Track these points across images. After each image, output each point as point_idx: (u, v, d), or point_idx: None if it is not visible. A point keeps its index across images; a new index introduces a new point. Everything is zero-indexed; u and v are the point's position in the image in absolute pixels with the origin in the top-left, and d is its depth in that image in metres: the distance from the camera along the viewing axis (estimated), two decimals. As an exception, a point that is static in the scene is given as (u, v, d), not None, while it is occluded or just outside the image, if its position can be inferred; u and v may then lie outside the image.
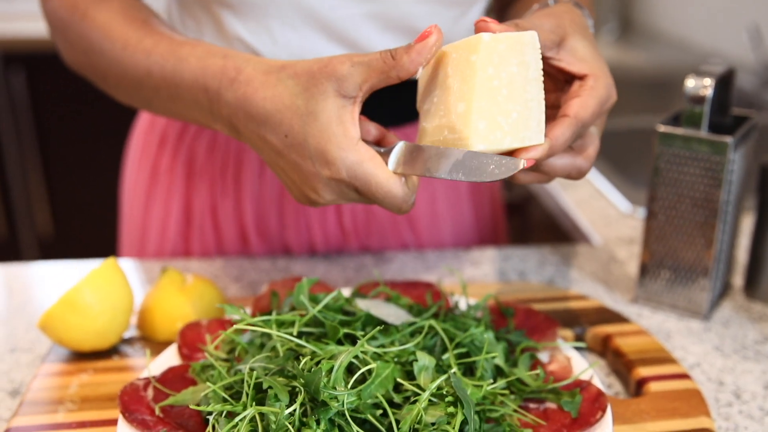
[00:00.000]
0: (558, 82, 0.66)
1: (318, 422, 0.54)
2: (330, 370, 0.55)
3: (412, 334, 0.65)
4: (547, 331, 0.72)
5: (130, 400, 0.62)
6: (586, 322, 0.80)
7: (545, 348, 0.71)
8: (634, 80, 2.10)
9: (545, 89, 0.61)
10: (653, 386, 0.69)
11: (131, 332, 0.79)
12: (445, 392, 0.57)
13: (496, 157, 0.57)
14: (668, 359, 0.73)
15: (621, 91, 0.69)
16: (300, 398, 0.54)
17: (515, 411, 0.61)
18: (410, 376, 0.60)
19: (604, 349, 0.78)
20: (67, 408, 0.66)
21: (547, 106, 0.61)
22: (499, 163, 0.56)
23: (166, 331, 0.75)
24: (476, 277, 0.96)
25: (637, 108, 2.03)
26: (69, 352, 0.75)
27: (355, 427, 0.54)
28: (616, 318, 0.81)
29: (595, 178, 1.35)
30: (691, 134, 0.80)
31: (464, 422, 0.55)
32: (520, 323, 0.74)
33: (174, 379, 0.65)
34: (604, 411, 0.61)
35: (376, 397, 0.56)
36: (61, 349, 0.75)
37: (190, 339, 0.70)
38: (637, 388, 0.71)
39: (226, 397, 0.58)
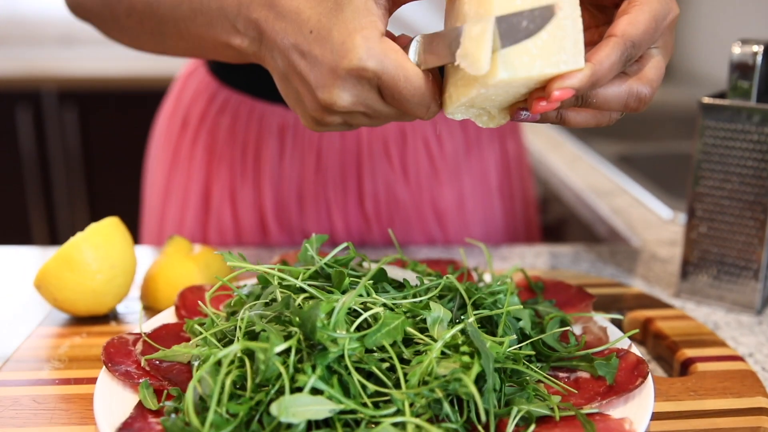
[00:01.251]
0: (606, 9, 0.59)
1: (314, 368, 0.47)
2: (330, 313, 0.49)
3: (428, 292, 0.59)
4: (580, 304, 0.65)
5: (115, 353, 0.57)
6: (624, 307, 0.73)
7: (577, 320, 0.64)
8: (676, 114, 2.04)
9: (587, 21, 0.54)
10: (701, 366, 0.61)
11: (134, 302, 0.74)
12: (460, 343, 0.50)
13: (526, 12, 0.49)
14: (717, 342, 0.66)
15: (662, 122, 0.62)
16: (294, 339, 0.48)
17: (543, 377, 0.54)
18: (423, 332, 0.54)
19: (644, 334, 0.71)
20: (53, 366, 0.61)
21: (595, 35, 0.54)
22: (531, 16, 0.48)
23: (169, 299, 0.70)
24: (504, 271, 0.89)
25: (676, 136, 1.96)
26: (66, 318, 0.70)
27: (356, 375, 0.48)
28: (657, 303, 0.73)
29: (632, 186, 1.29)
30: (740, 104, 0.74)
31: (481, 378, 0.49)
32: (550, 297, 0.67)
33: (167, 336, 0.60)
34: (644, 378, 0.53)
35: (383, 348, 0.50)
36: (59, 314, 0.71)
37: (190, 301, 0.65)
38: (682, 370, 0.63)
39: (215, 342, 0.52)
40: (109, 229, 0.68)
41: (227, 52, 0.62)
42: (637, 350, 0.58)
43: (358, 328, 0.51)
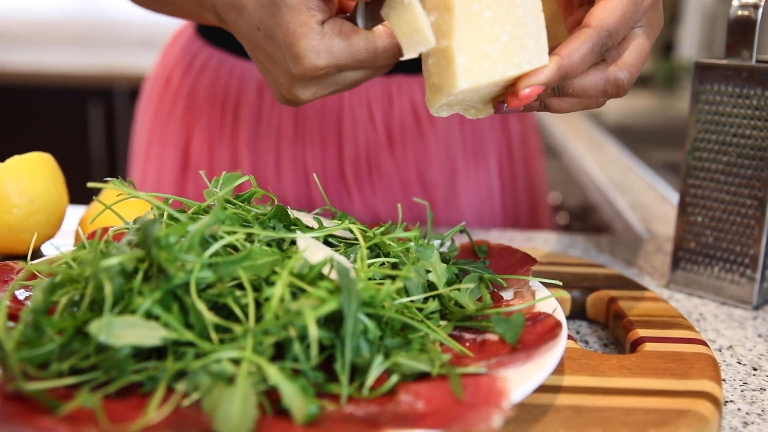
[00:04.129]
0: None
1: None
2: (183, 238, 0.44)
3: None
4: (520, 269, 0.57)
5: (-9, 277, 0.53)
6: (590, 288, 0.64)
7: (512, 285, 0.56)
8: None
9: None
10: (649, 346, 0.52)
11: (66, 247, 0.70)
12: (322, 279, 0.44)
13: None
14: (682, 325, 0.56)
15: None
16: (131, 256, 0.43)
17: (435, 333, 0.46)
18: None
19: (607, 316, 0.62)
20: (-53, 294, 0.58)
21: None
22: None
23: (95, 244, 0.66)
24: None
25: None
26: (-9, 257, 0.68)
27: (198, 303, 0.42)
28: (629, 285, 0.64)
29: (656, 180, 1.18)
30: (737, 64, 0.64)
31: (341, 318, 0.42)
32: (492, 262, 0.59)
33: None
34: (553, 339, 0.45)
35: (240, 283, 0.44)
36: (-15, 253, 0.68)
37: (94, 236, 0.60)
38: (632, 350, 0.54)
39: (71, 263, 0.48)
40: (33, 163, 0.65)
41: (207, 22, 0.64)
42: (562, 313, 0.50)
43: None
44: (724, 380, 0.53)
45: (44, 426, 0.36)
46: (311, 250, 0.46)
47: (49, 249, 0.70)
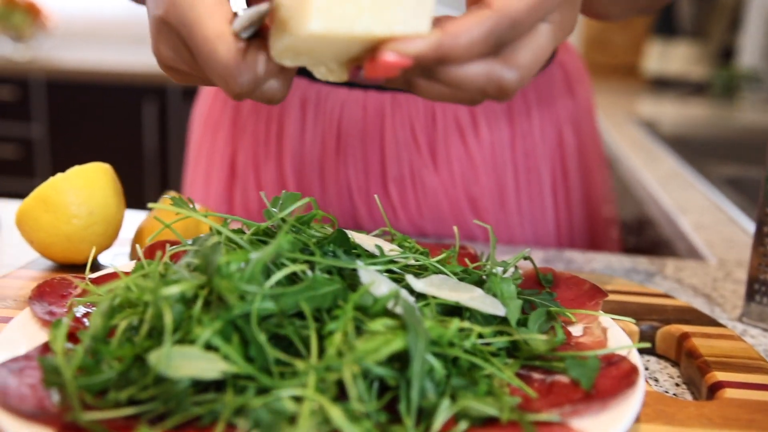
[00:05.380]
0: None
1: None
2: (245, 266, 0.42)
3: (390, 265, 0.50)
4: (589, 302, 0.54)
5: (50, 292, 0.53)
6: (659, 320, 0.61)
7: (581, 320, 0.53)
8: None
9: None
10: (730, 393, 0.49)
11: (124, 257, 0.70)
12: (388, 316, 0.42)
13: None
14: (764, 369, 0.52)
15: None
16: (193, 284, 0.41)
17: (502, 373, 0.44)
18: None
19: (678, 353, 0.58)
20: (5, 304, 0.58)
21: None
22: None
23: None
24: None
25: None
26: (50, 264, 0.68)
27: (260, 336, 0.40)
28: (703, 319, 0.61)
29: (723, 201, 1.13)
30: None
31: (405, 356, 0.40)
32: (559, 294, 0.57)
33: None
34: (629, 388, 0.42)
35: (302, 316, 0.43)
36: (45, 261, 0.68)
37: (152, 252, 0.60)
38: (709, 395, 0.51)
39: (132, 287, 0.47)
40: (93, 173, 0.65)
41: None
42: (639, 360, 0.47)
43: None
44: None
45: (102, 463, 0.35)
46: (375, 283, 0.44)
47: (106, 259, 0.70)
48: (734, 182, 1.37)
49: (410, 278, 0.47)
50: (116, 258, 0.70)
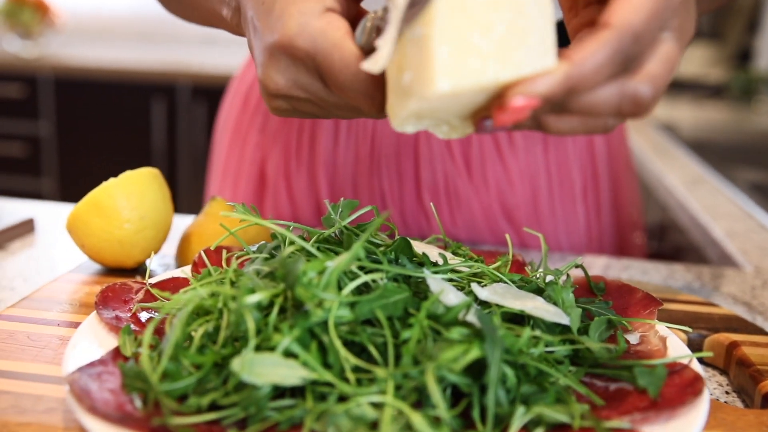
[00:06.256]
0: None
1: (293, 329, 0.41)
2: (322, 274, 0.43)
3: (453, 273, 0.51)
4: (643, 311, 0.55)
5: (113, 297, 0.54)
6: (707, 328, 0.62)
7: (637, 329, 0.54)
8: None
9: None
10: (786, 402, 0.50)
11: (169, 260, 0.71)
12: (462, 325, 0.43)
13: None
14: (816, 378, 0.53)
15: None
16: (270, 292, 0.42)
17: (570, 380, 0.45)
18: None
19: (728, 361, 0.59)
20: (62, 309, 0.59)
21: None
22: None
23: (200, 261, 0.66)
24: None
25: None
26: (99, 268, 0.68)
27: (338, 344, 0.41)
28: (750, 328, 0.61)
29: (752, 207, 1.13)
30: None
31: (485, 363, 0.40)
32: (612, 300, 0.57)
33: (173, 290, 0.56)
34: (696, 396, 0.43)
35: (377, 322, 0.43)
36: (92, 265, 0.69)
37: (209, 260, 0.60)
38: (764, 404, 0.51)
39: (203, 294, 0.47)
40: (144, 178, 0.66)
41: (222, 24, 0.58)
42: (700, 369, 0.48)
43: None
44: None
45: (195, 468, 0.35)
46: (444, 292, 0.45)
47: (154, 263, 0.70)
48: (760, 188, 1.38)
49: (475, 287, 0.48)
50: (162, 261, 0.71)
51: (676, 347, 0.50)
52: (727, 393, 0.57)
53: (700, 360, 0.62)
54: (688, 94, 2.57)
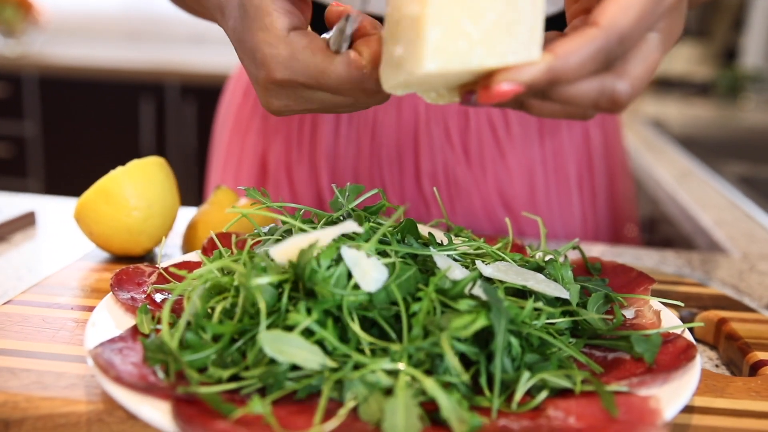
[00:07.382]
0: None
1: (309, 311, 0.43)
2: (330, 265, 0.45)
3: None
4: (638, 288, 0.57)
5: (126, 280, 0.55)
6: (697, 306, 0.64)
7: (632, 304, 0.56)
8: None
9: None
10: (773, 370, 0.52)
11: (176, 249, 0.73)
12: (469, 297, 0.45)
13: None
14: (801, 350, 0.56)
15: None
16: (281, 276, 0.44)
17: (571, 350, 0.47)
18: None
19: (717, 337, 0.62)
20: (74, 294, 0.61)
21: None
22: None
23: (206, 247, 0.68)
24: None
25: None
26: (107, 256, 0.70)
27: (352, 324, 0.43)
28: (737, 306, 0.64)
29: (740, 198, 1.17)
30: None
31: (491, 333, 0.43)
32: (608, 279, 0.60)
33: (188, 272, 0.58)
34: (689, 361, 0.46)
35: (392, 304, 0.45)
36: (102, 252, 0.71)
37: (213, 244, 0.62)
38: (751, 373, 0.54)
39: (216, 273, 0.49)
40: (151, 167, 0.67)
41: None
42: (691, 336, 0.50)
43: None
44: None
45: (222, 429, 0.37)
46: (451, 268, 0.47)
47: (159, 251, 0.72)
48: (747, 181, 1.41)
49: (480, 264, 0.50)
50: (167, 251, 0.73)
51: (669, 320, 0.53)
52: (717, 366, 0.60)
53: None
54: (676, 91, 2.61)
